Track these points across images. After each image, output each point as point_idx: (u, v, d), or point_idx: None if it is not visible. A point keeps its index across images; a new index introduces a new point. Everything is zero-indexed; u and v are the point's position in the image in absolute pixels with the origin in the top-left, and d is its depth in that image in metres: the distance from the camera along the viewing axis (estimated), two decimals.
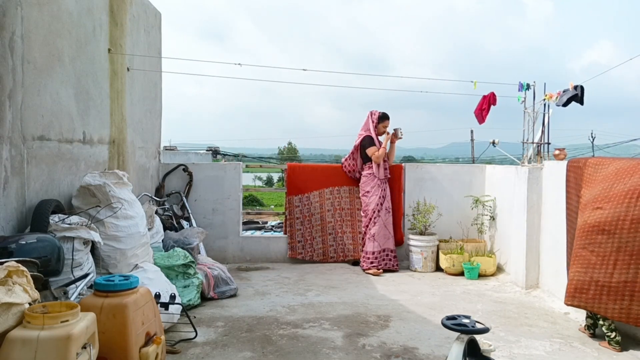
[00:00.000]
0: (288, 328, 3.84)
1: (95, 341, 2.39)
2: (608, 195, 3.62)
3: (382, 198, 6.06)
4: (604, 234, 3.53)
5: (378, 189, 6.05)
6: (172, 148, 8.68)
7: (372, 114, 6.20)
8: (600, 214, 3.59)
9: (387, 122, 6.20)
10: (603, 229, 3.53)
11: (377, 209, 6.01)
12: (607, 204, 3.59)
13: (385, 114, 6.20)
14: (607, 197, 3.62)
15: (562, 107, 4.98)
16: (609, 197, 3.61)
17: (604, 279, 3.49)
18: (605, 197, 3.63)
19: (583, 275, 3.61)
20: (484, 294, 4.97)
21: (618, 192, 3.55)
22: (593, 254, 3.58)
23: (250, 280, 5.36)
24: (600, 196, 3.68)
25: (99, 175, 3.77)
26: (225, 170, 6.30)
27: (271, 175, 56.45)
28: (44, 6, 3.53)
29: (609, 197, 3.60)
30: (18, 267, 2.32)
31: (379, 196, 6.03)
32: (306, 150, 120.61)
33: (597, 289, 3.53)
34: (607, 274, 3.48)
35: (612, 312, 3.45)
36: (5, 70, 3.08)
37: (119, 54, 4.80)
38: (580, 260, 3.68)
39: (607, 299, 3.47)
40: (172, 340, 3.48)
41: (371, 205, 6.03)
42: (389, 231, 6.06)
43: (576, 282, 3.65)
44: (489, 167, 6.53)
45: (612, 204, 3.55)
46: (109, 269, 3.61)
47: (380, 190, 6.06)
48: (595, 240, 3.58)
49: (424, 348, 3.47)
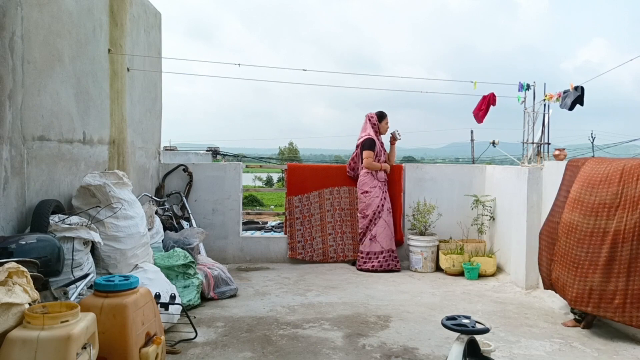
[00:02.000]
0: (288, 328, 3.84)
1: (95, 341, 2.39)
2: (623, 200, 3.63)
3: (384, 199, 6.06)
4: (626, 242, 3.54)
5: (379, 191, 6.06)
6: (172, 148, 8.68)
7: (371, 117, 6.23)
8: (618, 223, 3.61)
9: (387, 119, 6.26)
10: (625, 238, 3.54)
11: (379, 210, 6.02)
12: (622, 211, 3.61)
13: (381, 113, 6.27)
14: (622, 203, 3.64)
15: (568, 110, 4.99)
16: (623, 203, 3.63)
17: (627, 287, 3.51)
18: (619, 203, 3.65)
19: (606, 285, 3.64)
20: (484, 294, 4.97)
21: (631, 197, 3.57)
22: (587, 257, 3.62)
23: (250, 281, 5.36)
24: (615, 201, 3.70)
25: (99, 176, 3.77)
26: (225, 170, 6.30)
27: (271, 176, 56.44)
28: (44, 6, 3.53)
29: (624, 202, 3.62)
30: (18, 267, 2.32)
31: (380, 197, 6.04)
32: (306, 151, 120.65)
33: (621, 298, 3.56)
34: (629, 282, 3.51)
35: (636, 320, 3.47)
36: (6, 71, 3.08)
37: (119, 54, 4.80)
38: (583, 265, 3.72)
39: (631, 307, 3.50)
40: (172, 340, 3.48)
41: (372, 207, 6.03)
42: (391, 231, 6.07)
43: (590, 289, 3.70)
44: (489, 167, 6.54)
45: (627, 212, 3.58)
46: (109, 269, 3.61)
47: (381, 192, 6.07)
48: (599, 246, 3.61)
49: (424, 348, 3.47)
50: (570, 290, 3.85)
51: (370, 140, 6.11)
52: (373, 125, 6.19)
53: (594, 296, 3.68)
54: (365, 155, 6.05)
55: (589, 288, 3.71)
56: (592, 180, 3.90)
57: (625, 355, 3.42)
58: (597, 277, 3.66)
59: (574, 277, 3.83)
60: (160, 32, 6.17)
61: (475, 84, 5.55)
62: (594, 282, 3.68)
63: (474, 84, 5.55)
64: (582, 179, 4.01)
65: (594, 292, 3.68)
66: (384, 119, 6.22)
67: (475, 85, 5.56)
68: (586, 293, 3.72)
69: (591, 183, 3.89)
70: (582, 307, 3.77)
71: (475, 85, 5.55)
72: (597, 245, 3.69)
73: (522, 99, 5.40)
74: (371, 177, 6.09)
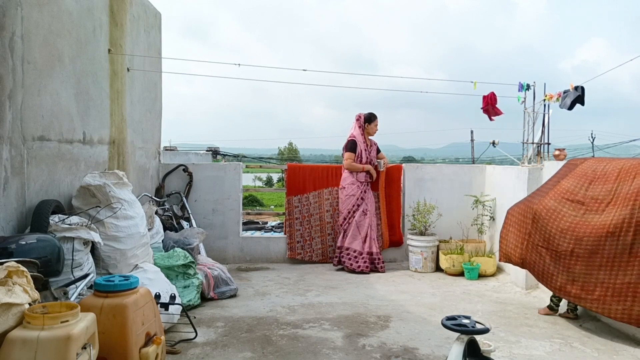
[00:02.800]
0: (288, 328, 3.84)
1: (95, 341, 2.39)
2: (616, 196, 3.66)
3: (361, 200, 6.00)
4: (612, 237, 3.55)
5: (357, 190, 5.99)
6: (172, 148, 8.68)
7: (358, 118, 6.18)
8: (606, 217, 3.62)
9: (377, 121, 6.19)
10: (612, 232, 3.55)
11: (354, 210, 5.98)
12: (612, 206, 3.63)
13: (370, 115, 6.19)
14: (614, 199, 3.66)
15: (568, 110, 4.99)
16: (615, 199, 3.65)
17: (609, 280, 3.52)
18: (611, 199, 3.68)
19: (588, 277, 3.66)
20: (484, 295, 4.97)
21: (624, 194, 3.59)
22: (597, 256, 3.62)
23: (250, 281, 5.36)
24: (607, 197, 3.72)
25: (99, 176, 3.77)
26: (225, 170, 6.30)
27: (271, 176, 56.45)
28: (44, 6, 3.53)
29: (616, 199, 3.64)
30: (18, 267, 2.32)
31: (357, 197, 5.99)
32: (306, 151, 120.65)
33: (602, 290, 3.56)
34: (611, 275, 3.52)
35: (614, 312, 3.48)
36: (6, 71, 3.08)
37: (119, 54, 4.80)
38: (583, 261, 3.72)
39: (611, 300, 3.51)
40: (172, 340, 3.48)
41: (347, 205, 6.01)
42: (359, 232, 5.98)
43: (582, 283, 3.71)
44: (489, 167, 6.54)
45: (617, 207, 3.58)
46: (109, 269, 3.61)
47: (359, 191, 6.00)
48: (603, 243, 3.61)
49: (424, 348, 3.47)
50: (555, 279, 3.90)
51: (352, 142, 6.08)
52: (360, 126, 6.16)
53: (576, 286, 3.73)
54: (346, 156, 6.04)
55: (572, 279, 3.76)
56: (589, 176, 3.95)
57: (625, 355, 3.42)
58: (579, 267, 3.71)
59: (557, 266, 3.88)
60: (160, 32, 6.17)
61: (475, 84, 5.56)
62: (576, 273, 3.73)
63: (474, 84, 5.55)
64: (579, 174, 4.06)
65: (576, 283, 3.73)
66: (372, 121, 6.16)
67: (475, 86, 5.56)
68: (569, 283, 3.78)
69: (588, 178, 3.94)
70: (565, 295, 3.84)
71: (475, 85, 5.56)
72: (581, 237, 3.72)
73: (522, 99, 5.40)
74: (350, 175, 6.08)
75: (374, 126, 6.16)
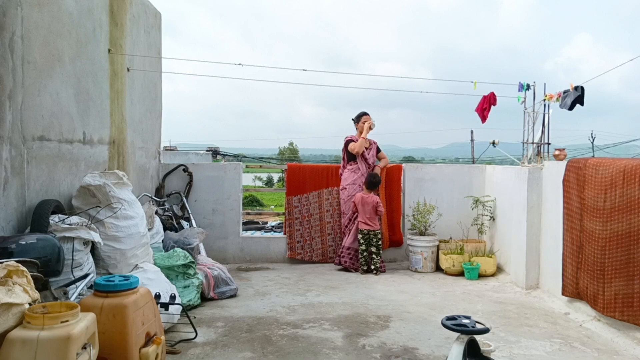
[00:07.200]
0: (288, 328, 3.84)
1: (95, 341, 2.39)
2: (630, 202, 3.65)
3: None
4: (632, 244, 3.55)
5: (358, 190, 6.01)
6: (172, 148, 8.68)
7: (352, 120, 6.36)
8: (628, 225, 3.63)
9: (365, 117, 6.24)
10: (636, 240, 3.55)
11: (355, 209, 6.01)
12: (624, 213, 3.64)
13: (358, 114, 6.32)
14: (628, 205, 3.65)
15: (568, 110, 5.00)
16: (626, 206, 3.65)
17: None
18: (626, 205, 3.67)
19: (625, 288, 3.63)
20: (484, 295, 4.97)
21: (637, 199, 3.58)
22: (609, 263, 3.63)
23: (250, 281, 5.36)
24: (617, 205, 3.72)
25: (99, 176, 3.77)
26: (225, 170, 6.30)
27: (271, 176, 56.47)
28: (44, 6, 3.53)
29: (629, 205, 3.63)
30: (18, 267, 2.32)
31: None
32: (306, 151, 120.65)
33: (621, 299, 3.58)
34: None
35: None
36: (6, 71, 3.08)
37: (119, 54, 4.80)
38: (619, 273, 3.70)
39: (629, 307, 3.51)
40: (172, 340, 3.48)
41: (349, 205, 6.03)
42: None
43: (622, 296, 3.66)
44: (489, 167, 6.54)
45: (628, 214, 3.60)
46: (109, 269, 3.61)
47: (360, 191, 6.02)
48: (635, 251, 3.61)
49: (424, 348, 3.47)
50: (602, 298, 3.83)
51: (348, 141, 6.19)
52: (356, 127, 6.31)
53: (618, 302, 3.67)
54: (351, 147, 6.07)
55: (614, 293, 3.70)
56: (601, 185, 3.91)
57: (625, 355, 3.42)
58: (619, 281, 3.66)
59: (603, 284, 3.82)
60: (160, 32, 6.17)
61: (475, 84, 5.55)
62: (618, 287, 3.67)
63: (474, 84, 5.55)
64: (593, 185, 4.01)
65: (618, 298, 3.67)
66: (360, 119, 6.26)
67: (475, 85, 5.56)
68: (612, 299, 3.72)
69: (602, 188, 3.90)
70: (610, 314, 3.75)
71: (475, 85, 5.55)
72: (615, 249, 3.69)
73: (522, 99, 5.40)
74: (350, 175, 6.08)
75: (361, 123, 6.23)
